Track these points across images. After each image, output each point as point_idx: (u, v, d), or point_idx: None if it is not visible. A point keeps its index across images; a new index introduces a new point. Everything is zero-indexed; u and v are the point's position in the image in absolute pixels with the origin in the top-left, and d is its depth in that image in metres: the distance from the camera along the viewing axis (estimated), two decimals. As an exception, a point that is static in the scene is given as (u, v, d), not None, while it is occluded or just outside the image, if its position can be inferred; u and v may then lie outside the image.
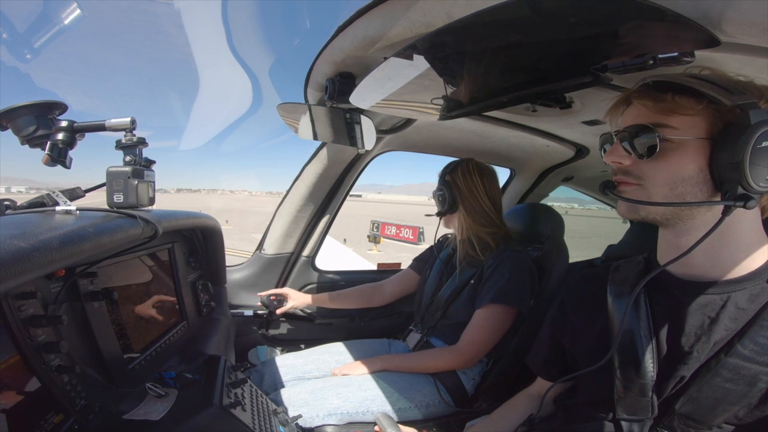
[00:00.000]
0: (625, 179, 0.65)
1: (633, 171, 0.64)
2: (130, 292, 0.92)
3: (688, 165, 0.60)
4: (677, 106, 0.60)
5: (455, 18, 0.58)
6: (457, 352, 1.28)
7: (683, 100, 0.59)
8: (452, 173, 1.39)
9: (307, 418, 1.14)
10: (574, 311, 0.81)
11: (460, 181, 1.37)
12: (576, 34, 0.58)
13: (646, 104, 0.62)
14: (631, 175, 0.64)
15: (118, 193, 0.82)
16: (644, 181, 0.63)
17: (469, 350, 1.27)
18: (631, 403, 0.66)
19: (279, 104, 1.21)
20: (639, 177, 0.63)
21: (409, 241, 14.27)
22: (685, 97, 0.59)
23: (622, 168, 0.65)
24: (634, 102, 0.65)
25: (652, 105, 0.62)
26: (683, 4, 0.46)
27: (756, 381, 0.56)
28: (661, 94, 0.61)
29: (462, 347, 1.27)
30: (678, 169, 0.60)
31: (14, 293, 0.59)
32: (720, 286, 0.62)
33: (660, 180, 0.61)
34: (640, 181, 0.63)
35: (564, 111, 1.06)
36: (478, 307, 1.28)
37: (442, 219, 1.44)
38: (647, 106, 0.62)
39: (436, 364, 1.30)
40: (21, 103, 0.81)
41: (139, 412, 0.70)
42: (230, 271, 1.70)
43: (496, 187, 1.41)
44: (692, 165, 0.59)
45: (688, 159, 0.60)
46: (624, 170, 0.65)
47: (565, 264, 1.41)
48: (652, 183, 0.62)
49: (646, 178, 0.63)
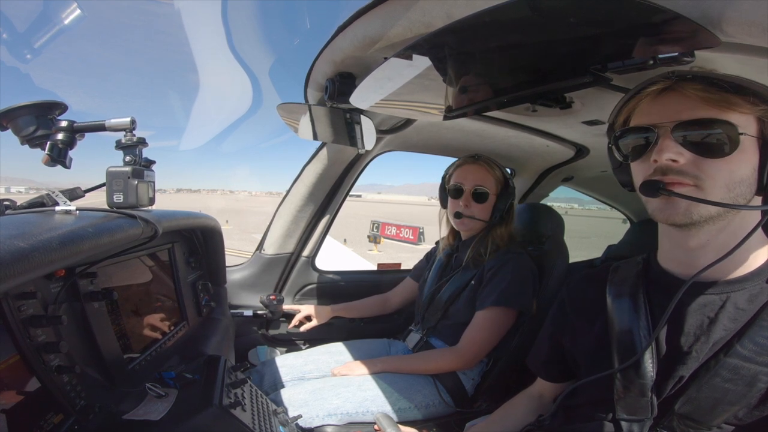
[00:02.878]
0: (680, 179, 0.57)
1: (690, 170, 0.57)
2: (130, 293, 0.92)
3: (746, 165, 0.57)
4: (733, 102, 0.55)
5: (455, 18, 0.58)
6: (458, 353, 1.27)
7: (735, 97, 0.55)
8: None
9: (307, 418, 1.14)
10: (574, 312, 0.80)
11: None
12: (576, 34, 0.58)
13: (705, 96, 0.56)
14: (686, 174, 0.57)
15: (118, 193, 0.82)
16: (703, 182, 0.57)
17: (470, 351, 1.27)
18: (630, 404, 0.66)
19: (279, 104, 1.21)
20: (696, 177, 0.57)
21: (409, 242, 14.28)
22: (733, 94, 0.55)
23: (676, 167, 0.58)
24: (687, 92, 0.58)
25: (712, 97, 0.56)
26: (683, 4, 0.46)
27: (755, 381, 0.56)
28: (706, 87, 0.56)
29: (462, 348, 1.27)
30: (738, 169, 0.56)
31: (14, 293, 0.59)
32: (719, 287, 0.62)
33: (720, 180, 0.56)
34: (698, 182, 0.57)
35: (564, 111, 1.06)
36: (480, 309, 1.28)
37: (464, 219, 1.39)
38: (705, 98, 0.56)
39: (436, 366, 1.30)
40: (21, 103, 0.81)
41: (139, 412, 0.69)
42: (230, 271, 1.70)
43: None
44: (749, 165, 0.57)
45: (747, 159, 0.57)
46: (678, 169, 0.58)
47: (565, 264, 1.41)
48: (712, 184, 0.56)
49: (707, 178, 0.56)
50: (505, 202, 1.37)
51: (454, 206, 1.39)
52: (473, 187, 1.36)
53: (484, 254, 1.36)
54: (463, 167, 1.41)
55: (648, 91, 0.62)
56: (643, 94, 0.62)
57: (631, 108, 0.65)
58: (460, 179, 1.39)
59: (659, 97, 0.61)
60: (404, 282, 1.72)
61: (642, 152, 0.62)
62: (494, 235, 1.38)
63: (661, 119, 0.60)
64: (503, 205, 1.36)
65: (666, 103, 0.60)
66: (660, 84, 0.60)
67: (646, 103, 0.63)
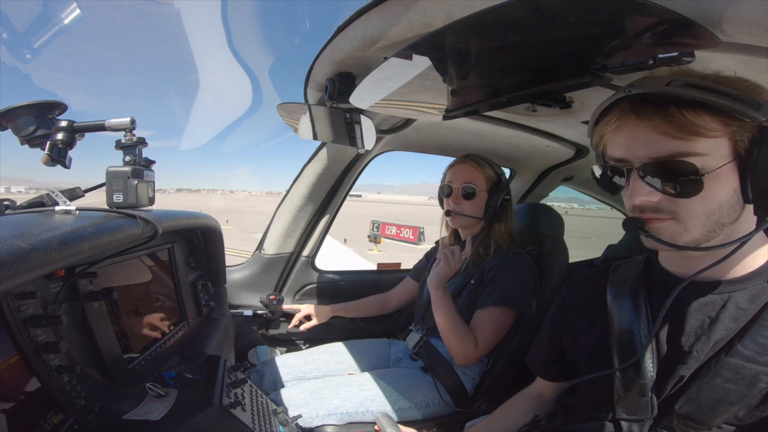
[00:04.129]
0: (657, 216, 0.58)
1: (665, 207, 0.57)
2: (130, 292, 0.92)
3: (723, 191, 0.56)
4: (696, 128, 0.53)
5: (455, 18, 0.58)
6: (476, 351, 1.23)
7: (699, 118, 0.53)
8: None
9: (307, 418, 1.14)
10: (574, 311, 0.80)
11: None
12: (576, 34, 0.58)
13: (659, 128, 0.54)
14: (663, 210, 0.58)
15: (118, 193, 0.82)
16: (680, 215, 0.57)
17: (483, 352, 1.25)
18: (630, 403, 0.66)
19: (279, 104, 1.21)
20: (673, 212, 0.57)
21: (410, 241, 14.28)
22: (696, 113, 0.53)
23: (651, 206, 0.58)
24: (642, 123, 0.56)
25: (668, 128, 0.54)
26: (683, 4, 0.46)
27: (756, 381, 0.56)
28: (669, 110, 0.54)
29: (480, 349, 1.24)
30: (714, 197, 0.55)
31: (14, 293, 0.59)
32: (720, 286, 0.62)
33: (697, 211, 0.56)
34: (675, 216, 0.57)
35: (564, 111, 1.06)
36: (481, 308, 1.28)
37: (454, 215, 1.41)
38: (661, 130, 0.54)
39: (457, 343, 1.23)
40: (21, 103, 0.81)
41: (139, 412, 0.69)
42: (230, 271, 1.70)
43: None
44: (727, 190, 0.56)
45: (724, 185, 0.55)
46: (654, 207, 0.58)
47: (564, 264, 1.41)
48: (689, 215, 0.57)
49: (682, 212, 0.57)
50: (497, 198, 1.36)
51: (446, 204, 1.42)
52: (462, 185, 1.38)
53: (484, 254, 1.36)
54: (454, 167, 1.43)
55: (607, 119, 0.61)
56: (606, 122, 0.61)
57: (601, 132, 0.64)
58: (451, 178, 1.42)
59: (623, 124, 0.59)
60: (404, 282, 1.72)
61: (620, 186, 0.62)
62: (494, 234, 1.38)
63: (628, 154, 0.59)
64: (495, 201, 1.36)
65: (630, 133, 0.58)
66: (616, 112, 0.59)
67: (611, 133, 0.61)
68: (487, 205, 1.37)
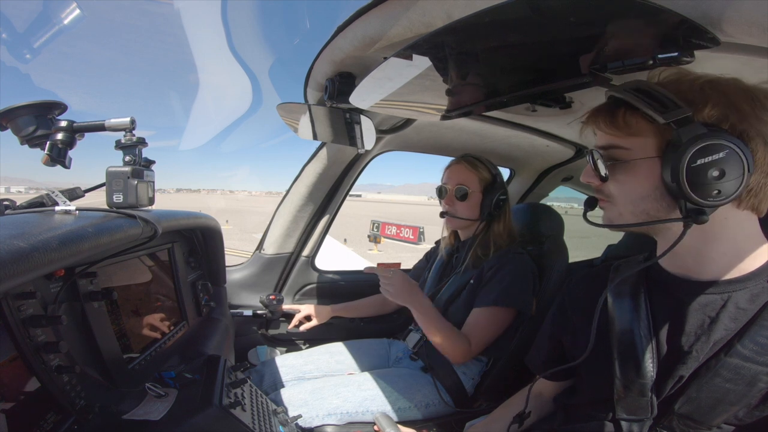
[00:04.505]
0: (600, 196, 0.68)
1: (602, 190, 0.67)
2: (130, 292, 0.92)
3: (642, 184, 0.62)
4: (628, 127, 0.61)
5: (455, 18, 0.58)
6: (469, 350, 1.24)
7: (632, 119, 0.61)
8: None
9: (307, 418, 1.14)
10: (574, 311, 0.81)
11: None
12: (576, 34, 0.58)
13: (600, 126, 0.65)
14: (602, 193, 0.68)
15: (118, 193, 0.82)
16: (612, 199, 0.66)
17: (477, 351, 1.26)
18: (630, 403, 0.66)
19: (279, 104, 1.21)
20: (608, 195, 0.67)
21: (410, 241, 14.28)
22: (633, 116, 0.60)
23: (594, 186, 0.68)
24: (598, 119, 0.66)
25: (605, 127, 0.64)
26: (683, 4, 0.46)
27: (756, 381, 0.56)
28: (616, 112, 0.62)
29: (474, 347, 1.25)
30: (633, 188, 0.63)
31: (14, 293, 0.59)
32: (720, 286, 0.62)
33: (623, 198, 0.64)
34: (609, 198, 0.67)
35: (564, 111, 1.06)
36: (479, 307, 1.27)
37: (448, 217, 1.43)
38: (602, 128, 0.65)
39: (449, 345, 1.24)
40: (21, 103, 0.81)
41: (138, 412, 0.69)
42: (230, 271, 1.70)
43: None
44: (647, 184, 0.61)
45: (642, 178, 0.61)
46: (596, 188, 0.68)
47: (565, 264, 1.41)
48: (618, 201, 0.65)
49: (612, 197, 0.66)
50: (491, 198, 1.36)
51: (441, 206, 1.43)
52: (455, 187, 1.38)
53: (483, 255, 1.36)
54: (449, 168, 1.43)
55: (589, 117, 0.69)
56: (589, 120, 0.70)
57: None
58: (445, 180, 1.43)
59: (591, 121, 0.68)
60: None
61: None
62: (493, 234, 1.37)
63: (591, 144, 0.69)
64: (490, 201, 1.36)
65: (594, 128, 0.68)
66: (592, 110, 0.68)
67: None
68: (482, 205, 1.38)
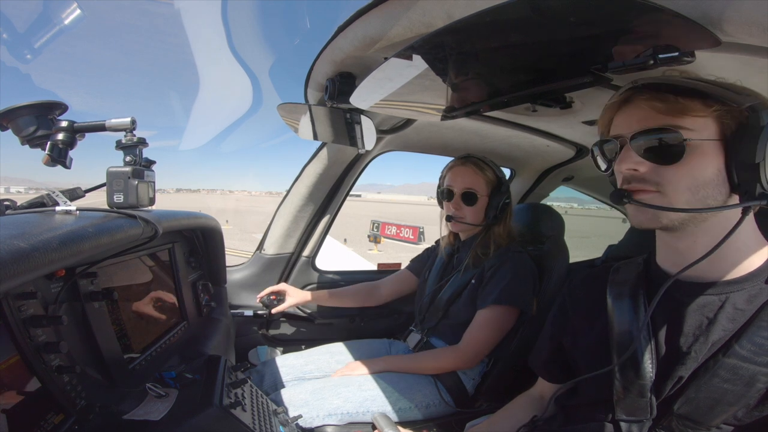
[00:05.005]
0: (642, 187, 0.61)
1: (651, 178, 0.60)
2: (131, 293, 0.92)
3: (708, 167, 0.58)
4: (686, 108, 0.57)
5: (455, 18, 0.58)
6: (459, 352, 1.27)
7: (690, 102, 0.57)
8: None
9: (308, 418, 1.14)
10: (574, 312, 0.81)
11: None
12: (576, 33, 0.58)
13: (655, 105, 0.59)
14: (648, 182, 0.60)
15: (118, 194, 0.82)
16: (664, 188, 0.59)
17: (472, 350, 1.27)
18: (630, 404, 0.66)
19: (279, 104, 1.21)
20: (658, 183, 0.60)
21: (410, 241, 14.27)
22: (689, 99, 0.57)
23: (638, 175, 0.61)
24: (639, 103, 0.61)
25: (662, 106, 0.58)
26: (683, 4, 0.46)
27: (754, 381, 0.56)
28: (663, 94, 0.58)
29: (464, 347, 1.27)
30: (699, 172, 0.58)
31: (14, 293, 0.59)
32: (718, 287, 0.62)
33: (682, 185, 0.58)
34: (660, 188, 0.60)
35: (564, 111, 1.06)
36: (481, 308, 1.28)
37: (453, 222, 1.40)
38: (656, 107, 0.59)
39: (438, 365, 1.30)
40: (21, 104, 0.81)
41: (139, 412, 0.70)
42: (230, 272, 1.70)
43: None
44: (711, 167, 0.58)
45: (708, 161, 0.58)
46: (640, 177, 0.61)
47: (565, 264, 1.41)
48: (674, 189, 0.59)
49: (667, 184, 0.59)
50: (498, 202, 1.36)
51: (446, 209, 1.41)
52: (463, 190, 1.36)
53: (483, 255, 1.36)
54: (453, 169, 1.41)
55: (610, 104, 0.65)
56: (610, 106, 0.66)
57: (607, 121, 0.68)
58: (451, 182, 1.40)
59: (622, 109, 0.64)
60: (399, 273, 1.69)
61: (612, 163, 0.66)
62: (493, 235, 1.37)
63: (622, 130, 0.63)
64: (496, 205, 1.36)
65: (627, 114, 0.63)
66: (619, 96, 0.64)
67: (617, 116, 0.66)
68: (488, 208, 1.37)
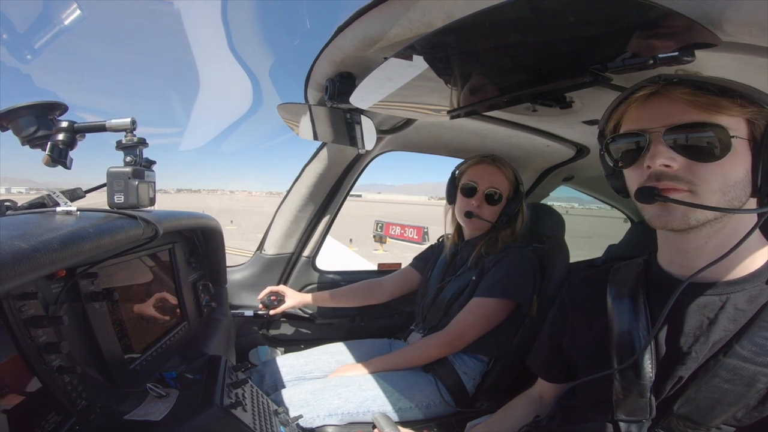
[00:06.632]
0: (674, 185, 0.57)
1: (683, 176, 0.56)
2: (131, 293, 0.92)
3: (740, 168, 0.56)
4: (723, 106, 0.55)
5: (455, 18, 0.58)
6: (443, 335, 1.27)
7: (725, 101, 0.55)
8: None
9: (308, 418, 1.14)
10: (574, 312, 0.80)
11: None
12: (576, 33, 0.58)
13: (694, 100, 0.55)
14: (680, 180, 0.56)
15: (119, 194, 0.82)
16: (697, 187, 0.56)
17: (455, 332, 1.26)
18: (629, 405, 0.65)
19: (279, 104, 1.21)
20: (691, 182, 0.56)
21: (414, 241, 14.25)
22: (725, 97, 0.55)
23: (670, 173, 0.57)
24: (675, 96, 0.57)
25: (702, 101, 0.55)
26: (683, 4, 0.46)
27: (754, 382, 0.56)
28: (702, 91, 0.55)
29: (448, 329, 1.27)
30: (732, 172, 0.56)
31: (15, 294, 0.59)
32: (719, 288, 0.62)
33: (715, 185, 0.56)
34: (692, 187, 0.56)
35: (564, 111, 1.06)
36: (476, 296, 1.28)
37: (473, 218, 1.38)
38: (694, 102, 0.56)
39: (426, 353, 1.29)
40: (21, 104, 0.81)
41: (140, 412, 0.70)
42: (231, 272, 1.70)
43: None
44: (742, 168, 0.56)
45: (740, 161, 0.56)
46: (672, 175, 0.57)
47: (565, 264, 1.41)
48: (707, 188, 0.56)
49: (701, 183, 0.56)
50: (515, 206, 1.36)
51: (466, 204, 1.37)
52: (487, 188, 1.35)
53: (486, 254, 1.36)
54: (478, 166, 1.39)
55: (636, 96, 0.61)
56: (631, 99, 0.62)
57: (620, 114, 0.65)
58: (475, 178, 1.37)
59: (647, 102, 0.60)
60: (403, 270, 1.68)
61: (635, 158, 0.61)
62: (501, 237, 1.38)
63: (651, 124, 0.59)
64: (512, 209, 1.36)
65: (655, 107, 0.59)
66: (647, 89, 0.59)
67: (635, 109, 0.62)
68: (504, 210, 1.37)
